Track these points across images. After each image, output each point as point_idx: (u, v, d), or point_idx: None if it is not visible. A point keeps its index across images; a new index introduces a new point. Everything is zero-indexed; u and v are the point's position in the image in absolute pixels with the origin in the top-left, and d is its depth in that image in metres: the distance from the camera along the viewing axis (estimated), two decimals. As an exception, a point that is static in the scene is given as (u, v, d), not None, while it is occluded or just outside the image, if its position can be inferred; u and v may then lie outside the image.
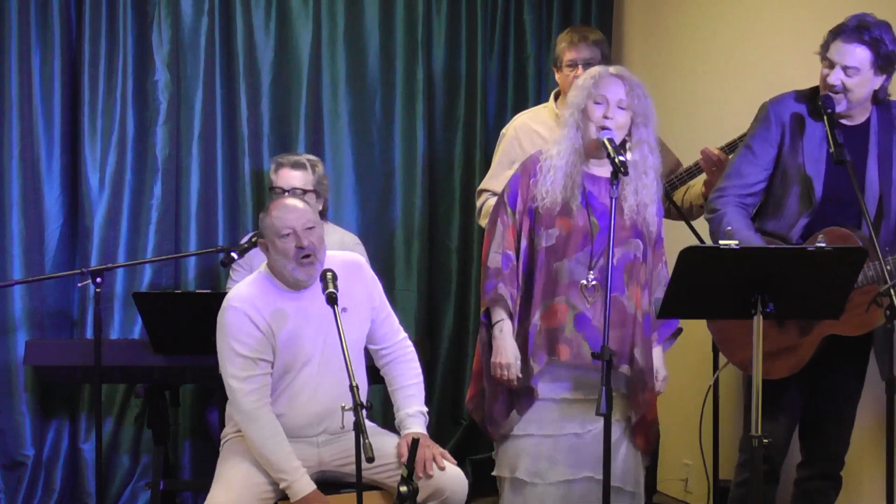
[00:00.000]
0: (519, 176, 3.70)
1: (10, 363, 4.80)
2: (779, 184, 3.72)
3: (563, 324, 3.58)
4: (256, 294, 3.57)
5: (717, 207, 3.73)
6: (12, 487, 4.80)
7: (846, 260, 3.16)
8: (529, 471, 3.64)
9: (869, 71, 3.57)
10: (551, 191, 3.59)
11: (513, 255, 3.65)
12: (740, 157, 3.78)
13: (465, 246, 5.39)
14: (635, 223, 3.64)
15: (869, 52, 3.54)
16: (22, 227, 4.82)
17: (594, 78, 3.63)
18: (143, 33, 4.94)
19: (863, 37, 3.54)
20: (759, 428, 3.15)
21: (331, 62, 5.19)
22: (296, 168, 4.49)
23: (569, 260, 3.59)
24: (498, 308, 3.64)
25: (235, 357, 3.53)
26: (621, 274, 3.60)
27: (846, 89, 3.58)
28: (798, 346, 3.61)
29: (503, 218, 3.68)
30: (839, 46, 3.57)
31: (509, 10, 5.45)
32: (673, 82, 5.17)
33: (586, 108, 3.59)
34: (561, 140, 3.64)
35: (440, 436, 5.22)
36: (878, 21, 3.57)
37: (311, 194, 4.47)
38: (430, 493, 3.50)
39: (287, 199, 3.65)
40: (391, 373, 3.75)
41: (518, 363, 3.60)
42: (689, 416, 4.81)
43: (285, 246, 3.50)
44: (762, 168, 3.73)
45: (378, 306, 3.73)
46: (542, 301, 3.61)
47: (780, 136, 3.71)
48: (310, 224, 3.53)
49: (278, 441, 3.52)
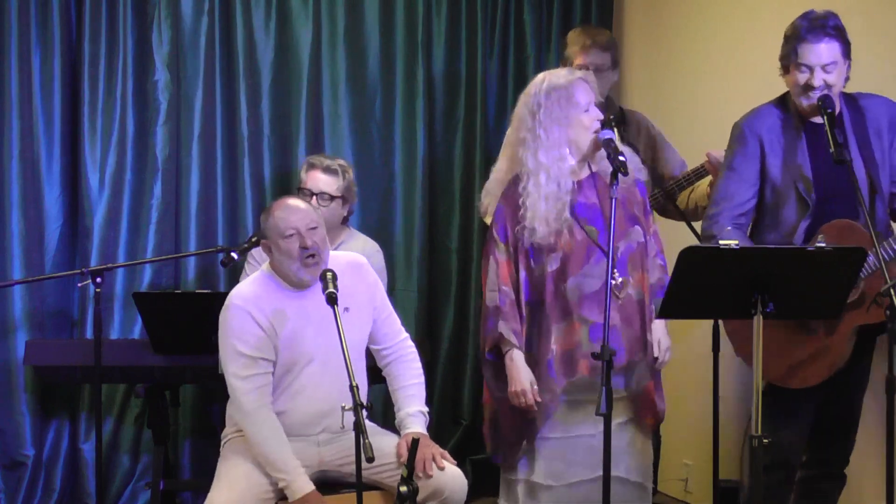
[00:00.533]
0: (503, 207, 3.66)
1: (10, 363, 4.79)
2: (770, 196, 3.72)
3: (580, 340, 3.57)
4: (259, 293, 3.58)
5: (714, 233, 3.71)
6: (12, 487, 4.80)
7: (846, 260, 3.17)
8: (545, 473, 3.62)
9: (842, 60, 3.61)
10: (542, 222, 3.55)
11: (509, 290, 3.61)
12: (725, 180, 3.76)
13: (465, 246, 5.39)
14: (628, 209, 3.63)
15: (838, 42, 3.59)
16: (22, 227, 4.82)
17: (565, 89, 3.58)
18: (143, 33, 4.93)
19: (827, 31, 3.57)
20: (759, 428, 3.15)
21: (331, 62, 5.19)
22: (327, 172, 4.47)
23: (574, 277, 3.57)
24: (503, 342, 3.61)
25: (237, 356, 3.53)
26: (625, 266, 3.60)
27: (828, 86, 3.59)
28: (830, 346, 3.60)
29: (495, 255, 3.64)
30: (810, 48, 3.58)
31: (509, 10, 5.46)
32: (673, 82, 5.17)
33: (577, 120, 3.57)
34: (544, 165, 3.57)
35: (440, 436, 5.22)
36: (825, 12, 3.61)
37: (339, 200, 4.47)
38: (429, 492, 3.51)
39: (289, 200, 3.65)
40: (392, 372, 3.75)
41: (535, 388, 3.58)
42: (689, 416, 4.81)
43: (289, 246, 3.51)
44: (749, 185, 3.72)
45: (379, 306, 3.73)
46: (557, 325, 3.59)
47: (759, 150, 3.71)
48: (313, 224, 3.53)
49: (278, 440, 3.52)
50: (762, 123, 3.72)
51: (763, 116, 3.74)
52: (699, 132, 4.71)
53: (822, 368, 3.61)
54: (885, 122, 3.67)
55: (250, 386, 3.54)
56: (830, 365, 3.60)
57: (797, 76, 3.62)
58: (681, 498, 5.03)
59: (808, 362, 3.61)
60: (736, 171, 3.74)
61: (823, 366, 3.61)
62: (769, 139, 3.70)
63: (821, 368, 3.61)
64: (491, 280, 3.64)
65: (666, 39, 5.28)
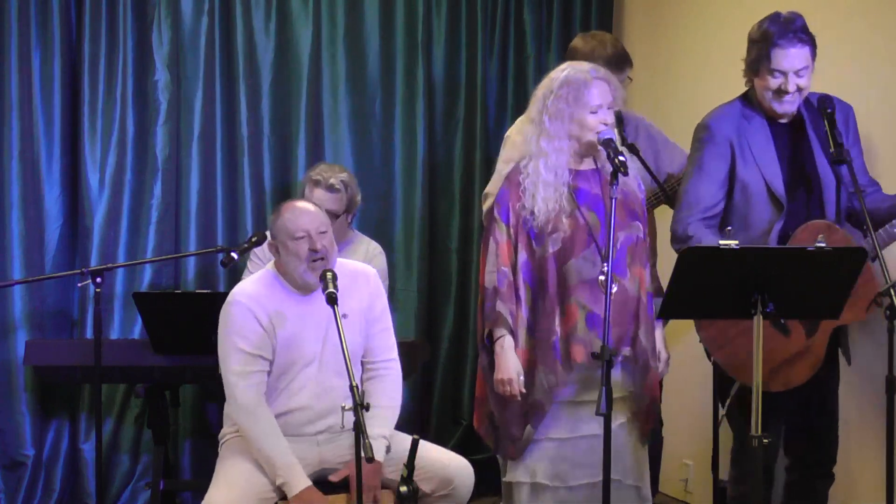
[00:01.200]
0: (507, 190, 3.66)
1: (10, 363, 4.79)
2: (739, 197, 3.71)
3: (576, 324, 3.56)
4: (262, 292, 3.59)
5: (690, 234, 3.69)
6: (12, 487, 4.80)
7: (846, 260, 3.17)
8: (550, 474, 3.61)
9: (811, 64, 3.62)
10: (542, 206, 3.56)
11: (508, 271, 3.60)
12: (693, 182, 3.75)
13: (465, 246, 5.38)
14: (629, 203, 3.63)
15: (808, 47, 3.60)
16: (22, 227, 4.82)
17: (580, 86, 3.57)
18: (143, 33, 4.94)
19: (798, 35, 3.58)
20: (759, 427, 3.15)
21: (331, 63, 5.19)
22: (330, 191, 4.51)
23: (576, 259, 3.57)
24: (498, 326, 3.59)
25: (236, 352, 3.54)
26: (624, 257, 3.59)
27: (799, 89, 3.61)
28: (810, 347, 3.61)
29: (496, 235, 3.64)
30: (783, 54, 3.58)
31: (509, 10, 5.45)
32: (673, 82, 5.17)
33: (582, 119, 3.56)
34: (546, 152, 3.59)
35: (440, 436, 5.22)
36: (792, 14, 3.61)
37: (343, 215, 4.54)
38: (436, 484, 3.53)
39: (299, 202, 3.68)
40: (369, 389, 3.69)
41: (521, 378, 3.57)
42: (689, 417, 4.81)
43: (298, 248, 3.51)
44: (718, 186, 3.72)
45: (377, 318, 3.72)
46: (559, 305, 3.58)
47: (729, 151, 3.70)
48: (323, 228, 3.55)
49: (275, 437, 3.53)
50: (731, 124, 3.72)
51: (731, 117, 3.73)
52: (699, 132, 4.70)
53: (805, 369, 3.62)
54: (840, 121, 3.66)
55: (248, 382, 3.54)
56: (812, 366, 3.62)
57: (769, 81, 3.62)
58: (681, 498, 5.03)
59: (790, 364, 3.61)
60: (705, 172, 3.72)
61: (806, 367, 3.62)
62: (738, 140, 3.69)
63: (803, 369, 3.62)
64: (490, 261, 3.64)
65: (666, 40, 5.27)
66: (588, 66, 3.66)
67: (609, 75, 3.66)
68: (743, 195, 3.69)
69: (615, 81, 3.65)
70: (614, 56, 4.25)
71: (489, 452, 4.28)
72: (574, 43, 4.39)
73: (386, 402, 3.67)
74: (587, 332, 3.55)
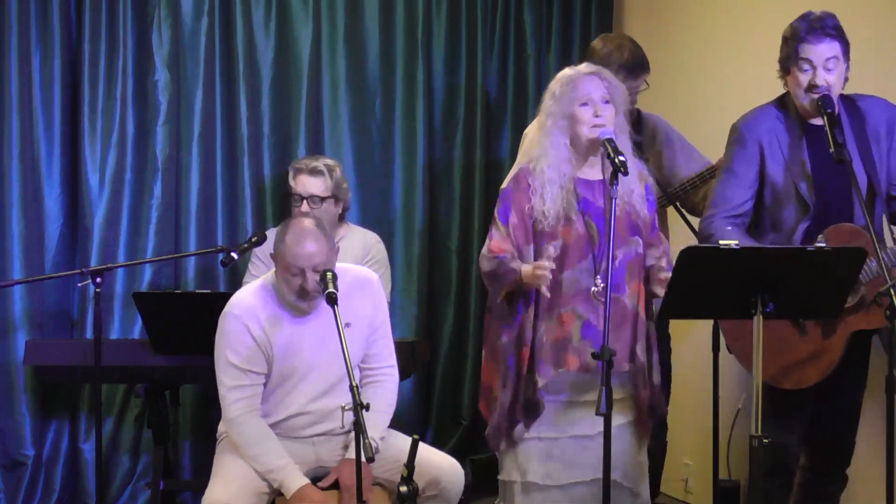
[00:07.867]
0: (511, 190, 3.67)
1: (10, 363, 4.79)
2: (770, 199, 3.72)
3: (570, 334, 3.58)
4: (258, 304, 3.59)
5: (710, 233, 3.71)
6: (12, 487, 4.80)
7: (846, 260, 3.17)
8: (541, 473, 3.62)
9: (842, 60, 3.61)
10: (551, 206, 3.57)
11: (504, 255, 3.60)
12: (723, 183, 3.77)
13: (465, 246, 5.38)
14: (631, 219, 3.63)
15: (838, 42, 3.59)
16: (22, 227, 4.82)
17: (571, 81, 3.62)
18: (143, 33, 4.93)
19: (827, 31, 3.58)
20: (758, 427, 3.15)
21: (331, 62, 5.19)
22: (313, 175, 4.50)
23: (572, 269, 3.58)
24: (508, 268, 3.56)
25: (228, 366, 3.57)
26: (623, 273, 3.60)
27: (828, 85, 3.60)
28: (824, 349, 3.59)
29: (492, 232, 3.66)
30: (811, 48, 3.58)
31: (509, 10, 5.46)
32: (673, 82, 5.17)
33: (573, 113, 3.58)
34: (546, 151, 3.61)
35: (440, 436, 5.23)
36: (823, 13, 3.61)
37: (330, 200, 4.48)
38: (425, 483, 3.52)
39: (306, 234, 3.50)
40: (366, 393, 3.68)
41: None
42: (689, 416, 4.81)
43: (291, 282, 3.50)
44: (747, 187, 3.72)
45: (377, 325, 3.72)
46: (548, 313, 3.59)
47: (759, 153, 3.71)
48: (321, 267, 3.46)
49: (266, 440, 3.55)
50: (761, 125, 3.72)
51: (762, 118, 3.74)
52: (699, 132, 4.70)
53: (815, 372, 3.60)
54: (883, 126, 3.67)
55: (236, 396, 3.57)
56: (823, 370, 3.60)
57: (799, 76, 3.62)
58: (681, 498, 5.03)
59: (802, 365, 3.60)
60: (735, 173, 3.73)
61: (817, 370, 3.60)
62: (769, 141, 3.70)
63: (814, 372, 3.60)
64: (484, 250, 3.65)
65: (666, 40, 5.27)
66: (584, 65, 3.71)
67: (601, 70, 3.68)
68: (773, 195, 3.71)
69: (608, 76, 3.67)
70: (630, 61, 4.24)
71: (489, 452, 4.29)
72: (594, 43, 4.39)
73: (381, 406, 3.66)
74: (582, 341, 3.56)
